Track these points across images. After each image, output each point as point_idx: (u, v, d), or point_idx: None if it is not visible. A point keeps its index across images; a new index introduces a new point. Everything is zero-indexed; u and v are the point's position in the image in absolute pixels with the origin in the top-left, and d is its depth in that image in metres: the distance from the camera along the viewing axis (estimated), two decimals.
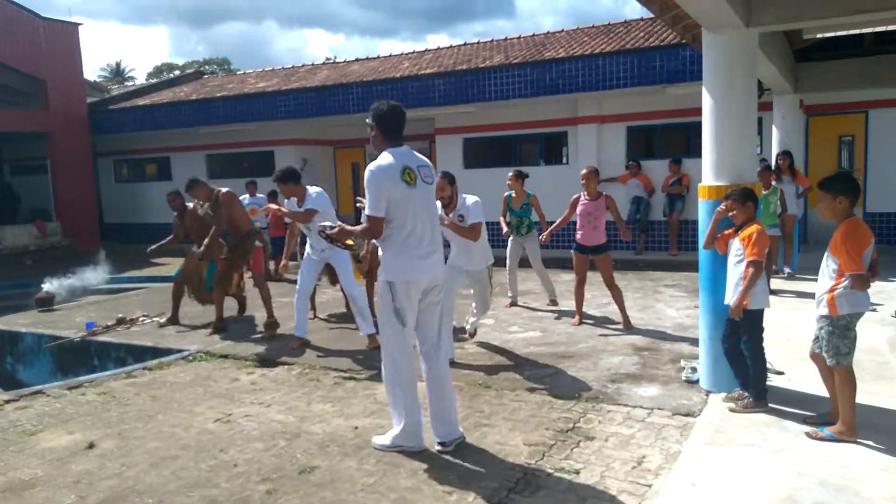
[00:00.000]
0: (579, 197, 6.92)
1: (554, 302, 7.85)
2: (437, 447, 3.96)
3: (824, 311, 3.82)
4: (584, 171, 6.87)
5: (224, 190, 7.22)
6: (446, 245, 5.05)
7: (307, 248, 6.66)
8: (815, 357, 4.00)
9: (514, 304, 8.07)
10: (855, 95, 11.08)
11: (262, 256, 7.27)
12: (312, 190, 6.42)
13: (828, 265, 3.83)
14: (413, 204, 3.78)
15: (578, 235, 6.90)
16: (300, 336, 6.49)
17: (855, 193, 3.76)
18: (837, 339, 3.78)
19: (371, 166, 3.75)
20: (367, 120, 3.92)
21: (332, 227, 4.10)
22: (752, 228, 4.22)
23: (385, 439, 4.02)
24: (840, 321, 3.78)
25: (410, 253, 3.80)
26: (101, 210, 18.62)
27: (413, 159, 3.90)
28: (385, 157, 3.79)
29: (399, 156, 3.81)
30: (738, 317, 4.21)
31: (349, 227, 4.09)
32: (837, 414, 3.87)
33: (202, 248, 7.21)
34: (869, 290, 3.77)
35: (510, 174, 7.94)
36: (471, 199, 5.64)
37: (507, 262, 7.96)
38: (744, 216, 4.29)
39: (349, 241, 4.06)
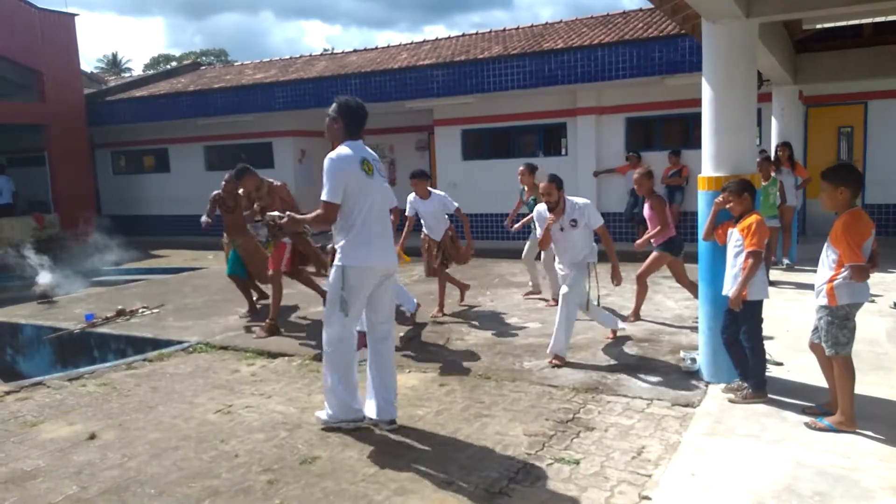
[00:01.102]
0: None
1: (532, 293, 7.94)
2: (386, 427, 4.15)
3: (823, 301, 3.83)
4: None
5: (278, 183, 6.93)
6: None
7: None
8: (815, 347, 4.01)
9: (534, 293, 8.05)
10: (854, 86, 11.07)
11: (283, 254, 6.70)
12: None
13: (828, 255, 3.83)
14: (371, 193, 3.98)
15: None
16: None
17: (857, 184, 3.77)
18: (836, 329, 3.79)
19: (332, 155, 3.94)
20: (332, 112, 4.07)
21: (281, 217, 4.27)
22: (752, 219, 4.22)
23: (324, 415, 4.22)
24: (839, 311, 3.79)
25: (368, 240, 3.98)
26: (98, 202, 18.57)
27: (368, 153, 4.10)
28: (344, 149, 3.99)
29: (356, 148, 4.02)
30: (738, 308, 4.21)
31: (299, 216, 4.30)
32: (836, 404, 3.88)
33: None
34: (868, 281, 3.78)
35: (521, 168, 7.87)
36: (580, 200, 5.56)
37: (525, 251, 7.95)
38: (741, 207, 4.29)
39: (298, 230, 4.23)
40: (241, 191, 7.13)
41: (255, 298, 7.89)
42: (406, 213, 7.27)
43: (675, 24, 6.24)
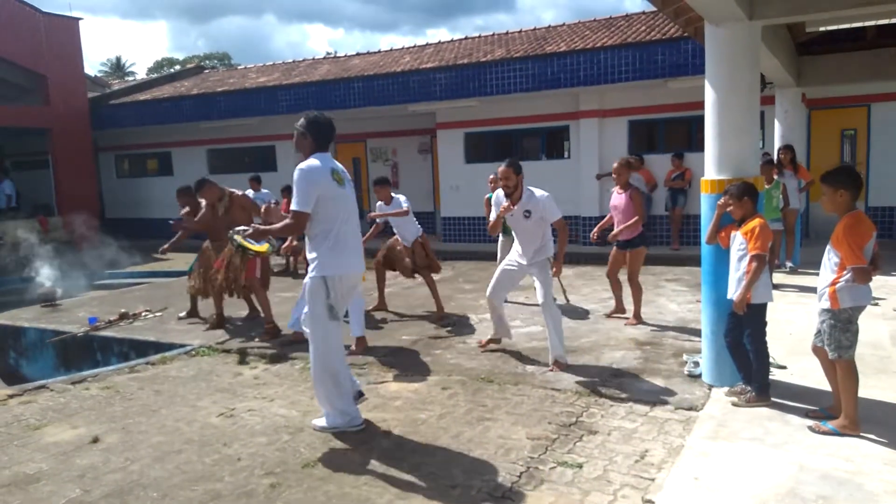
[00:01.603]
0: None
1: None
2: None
3: (826, 304, 3.82)
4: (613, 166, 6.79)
5: (240, 193, 7.24)
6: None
7: None
8: (817, 351, 4.00)
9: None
10: (857, 89, 11.05)
11: (255, 264, 6.87)
12: None
13: (829, 258, 3.83)
14: (343, 203, 4.10)
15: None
16: (296, 329, 6.44)
17: (856, 187, 3.76)
18: (839, 332, 3.78)
19: (302, 165, 4.03)
20: (300, 127, 4.16)
21: (245, 230, 4.39)
22: (755, 222, 4.22)
23: (322, 421, 4.28)
24: (842, 314, 3.78)
25: (346, 249, 4.08)
26: (102, 205, 18.63)
27: (336, 164, 4.21)
28: (313, 160, 4.08)
29: (324, 159, 4.12)
30: (742, 311, 4.20)
31: (264, 227, 4.45)
32: (840, 408, 3.87)
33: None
34: (871, 284, 3.77)
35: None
36: (540, 192, 5.41)
37: (499, 256, 7.91)
38: (741, 211, 4.29)
39: (259, 247, 4.36)
40: (202, 202, 7.31)
41: (249, 314, 7.81)
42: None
43: (678, 27, 6.24)
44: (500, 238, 7.96)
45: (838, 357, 3.79)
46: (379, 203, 7.49)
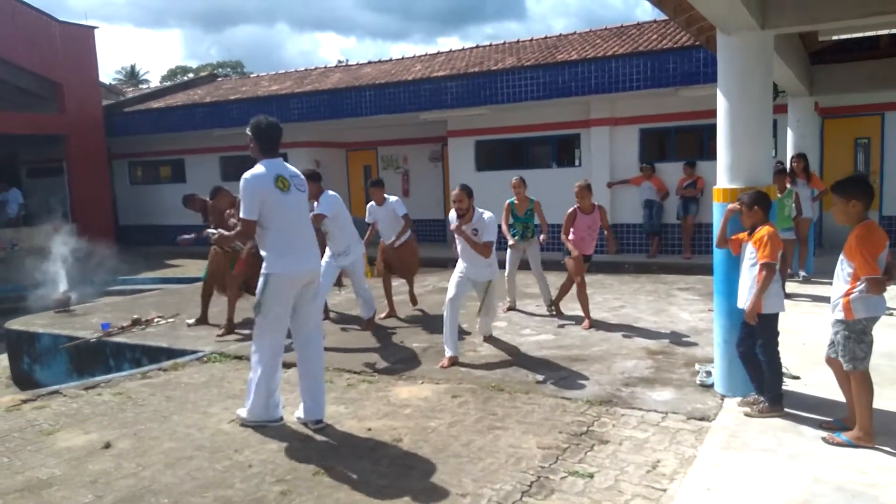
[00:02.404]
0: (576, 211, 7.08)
1: (550, 308, 7.81)
2: (312, 427, 4.42)
3: (840, 315, 3.79)
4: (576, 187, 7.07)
5: None
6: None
7: (326, 251, 6.74)
8: (831, 361, 3.97)
9: (512, 308, 8.04)
10: (870, 98, 10.99)
11: (244, 265, 7.14)
12: (327, 194, 6.48)
13: (843, 269, 3.80)
14: (287, 207, 4.25)
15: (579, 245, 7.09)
16: None
17: (867, 197, 3.72)
18: (854, 343, 3.75)
19: (246, 175, 4.21)
20: (247, 132, 4.39)
21: (213, 235, 4.95)
22: (764, 231, 4.19)
23: (245, 412, 4.51)
24: (856, 325, 3.74)
25: (287, 251, 4.26)
26: (115, 212, 18.78)
27: (285, 170, 4.36)
28: (258, 168, 4.27)
29: (271, 166, 4.28)
30: (753, 321, 4.18)
31: (226, 233, 4.89)
32: (854, 419, 3.83)
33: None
34: (885, 295, 3.74)
35: (514, 180, 7.90)
36: (487, 214, 5.86)
37: (507, 267, 7.89)
38: (751, 220, 4.26)
39: (229, 246, 4.92)
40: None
41: None
42: (366, 220, 7.77)
43: (690, 36, 6.23)
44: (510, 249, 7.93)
45: (853, 368, 3.76)
46: (371, 203, 7.71)
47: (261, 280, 4.29)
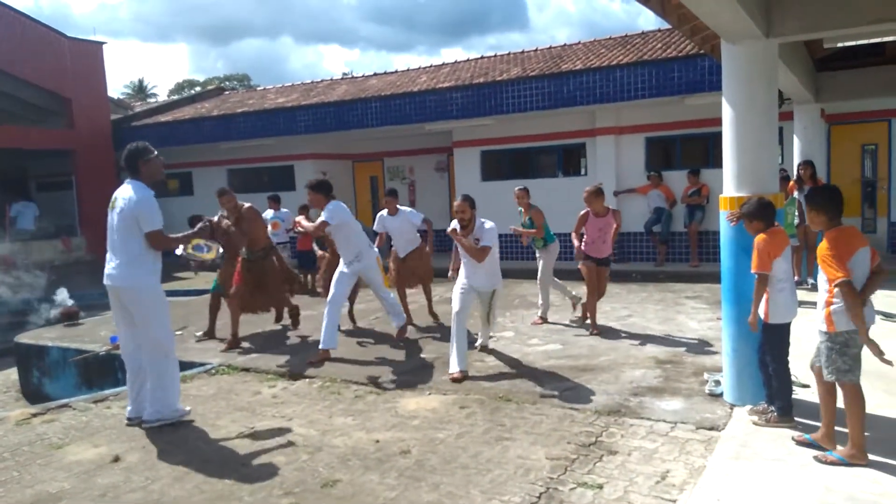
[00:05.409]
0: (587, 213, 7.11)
1: (543, 320, 7.78)
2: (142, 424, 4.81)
3: (822, 326, 3.77)
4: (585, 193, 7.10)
5: (248, 205, 7.41)
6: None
7: (341, 261, 6.77)
8: (816, 370, 3.93)
9: (544, 320, 7.84)
10: (877, 104, 10.93)
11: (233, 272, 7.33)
12: (331, 203, 6.50)
13: (822, 278, 3.78)
14: (110, 224, 4.90)
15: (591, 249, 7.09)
16: (326, 348, 6.48)
17: (831, 208, 3.68)
18: (836, 355, 3.69)
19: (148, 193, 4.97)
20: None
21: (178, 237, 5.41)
22: (756, 239, 4.18)
23: (151, 416, 4.84)
24: (838, 338, 3.69)
25: (106, 263, 4.89)
26: None
27: (122, 190, 4.94)
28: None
29: (119, 187, 5.00)
30: (755, 330, 4.19)
31: (174, 236, 5.47)
32: (828, 435, 3.77)
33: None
34: (887, 300, 3.69)
35: (516, 191, 7.92)
36: (488, 223, 5.96)
37: (540, 271, 7.81)
38: (753, 230, 4.25)
39: (205, 255, 5.73)
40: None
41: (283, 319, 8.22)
42: (374, 228, 7.85)
43: (695, 45, 6.24)
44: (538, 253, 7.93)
45: (836, 379, 3.70)
46: (382, 212, 7.77)
47: None
